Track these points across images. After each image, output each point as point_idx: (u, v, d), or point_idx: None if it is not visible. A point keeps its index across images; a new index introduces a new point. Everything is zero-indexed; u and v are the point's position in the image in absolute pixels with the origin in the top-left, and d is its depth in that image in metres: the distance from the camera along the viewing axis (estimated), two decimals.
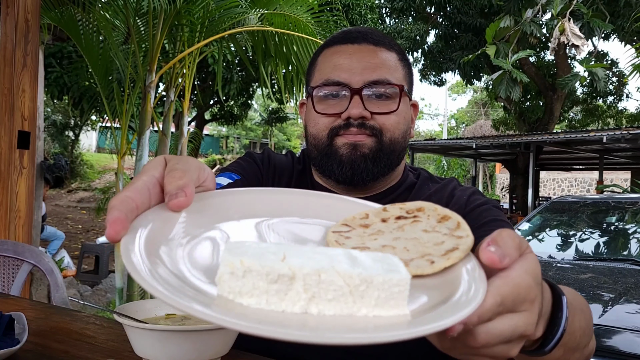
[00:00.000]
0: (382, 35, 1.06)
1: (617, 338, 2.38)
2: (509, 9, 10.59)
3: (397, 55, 1.04)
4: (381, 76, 0.99)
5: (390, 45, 1.04)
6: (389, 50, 1.03)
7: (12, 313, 0.93)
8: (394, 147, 1.01)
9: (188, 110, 5.49)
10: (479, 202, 1.01)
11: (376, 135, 0.99)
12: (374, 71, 0.99)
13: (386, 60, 1.01)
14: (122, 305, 0.84)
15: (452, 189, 1.05)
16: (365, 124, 0.99)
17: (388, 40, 1.05)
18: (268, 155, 1.14)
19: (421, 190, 1.08)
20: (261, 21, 4.79)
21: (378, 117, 0.99)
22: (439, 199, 1.04)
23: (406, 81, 1.04)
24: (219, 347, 0.78)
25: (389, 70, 1.00)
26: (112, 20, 4.76)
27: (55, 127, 18.31)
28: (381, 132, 0.99)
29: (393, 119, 1.00)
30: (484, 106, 37.45)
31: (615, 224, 4.09)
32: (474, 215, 0.99)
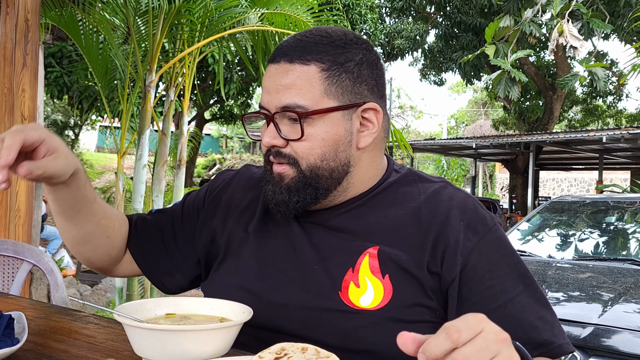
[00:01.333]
0: (315, 40, 0.94)
1: (616, 338, 2.39)
2: (509, 8, 10.59)
3: (318, 67, 0.92)
4: (289, 100, 0.91)
5: (311, 56, 0.92)
6: (306, 65, 0.92)
7: (11, 312, 0.93)
8: (317, 173, 0.94)
9: (188, 109, 5.49)
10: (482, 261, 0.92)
11: (294, 165, 0.94)
12: (284, 94, 0.92)
13: (297, 80, 0.92)
14: (122, 305, 0.84)
15: (447, 210, 0.96)
16: (281, 152, 0.94)
17: (312, 49, 0.93)
18: (236, 175, 1.14)
19: (407, 195, 1.00)
20: (261, 21, 4.79)
21: (292, 143, 0.93)
22: (430, 214, 0.96)
23: (329, 93, 0.92)
24: (219, 347, 0.78)
25: (300, 91, 0.91)
26: (112, 20, 4.76)
27: (55, 127, 18.31)
28: (296, 160, 0.94)
29: (304, 145, 0.92)
30: (484, 106, 37.46)
31: (615, 224, 4.09)
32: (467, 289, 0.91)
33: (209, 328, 0.78)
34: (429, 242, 0.93)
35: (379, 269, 0.92)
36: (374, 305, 0.91)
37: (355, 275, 0.93)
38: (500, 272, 0.93)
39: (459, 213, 0.95)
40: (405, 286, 0.92)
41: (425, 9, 15.98)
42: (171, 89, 4.94)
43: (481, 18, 14.44)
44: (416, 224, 0.95)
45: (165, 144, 4.87)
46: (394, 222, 0.96)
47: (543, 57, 17.57)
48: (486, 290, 0.91)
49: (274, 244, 1.00)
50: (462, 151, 17.93)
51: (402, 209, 0.98)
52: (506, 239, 0.98)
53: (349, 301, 0.92)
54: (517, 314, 0.90)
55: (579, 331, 2.43)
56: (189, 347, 0.76)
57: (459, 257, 0.92)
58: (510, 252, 0.96)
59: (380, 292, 0.91)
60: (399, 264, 0.92)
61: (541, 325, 0.91)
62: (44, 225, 6.93)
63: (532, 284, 0.95)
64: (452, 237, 0.93)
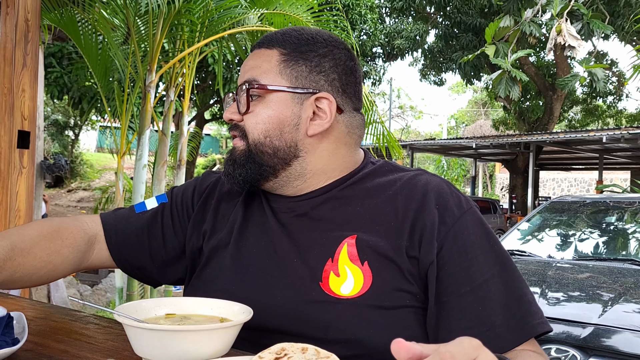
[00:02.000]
0: (282, 33, 1.03)
1: (616, 338, 2.39)
2: (509, 8, 10.60)
3: (279, 51, 1.00)
4: (247, 76, 0.99)
5: (274, 43, 1.01)
6: (269, 49, 1.01)
7: (11, 312, 0.93)
8: (261, 149, 0.99)
9: (188, 109, 5.49)
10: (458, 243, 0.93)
11: (243, 138, 1.00)
12: (246, 73, 1.00)
13: (259, 61, 1.00)
14: (122, 305, 0.84)
15: (423, 195, 0.97)
16: (237, 125, 1.01)
17: (280, 39, 1.01)
18: (218, 181, 1.15)
19: (383, 184, 1.01)
20: (261, 21, 4.79)
21: (244, 118, 1.00)
22: (406, 200, 0.97)
23: (285, 75, 0.99)
24: (219, 347, 0.79)
25: (258, 69, 0.99)
26: (112, 20, 4.76)
27: (55, 127, 18.32)
28: (245, 134, 1.00)
29: (251, 120, 0.99)
30: (484, 106, 37.47)
31: (615, 224, 4.09)
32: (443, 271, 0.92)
33: (209, 328, 0.78)
34: (407, 227, 0.94)
35: (357, 257, 0.93)
36: (355, 292, 0.91)
37: (334, 265, 0.94)
38: (476, 253, 0.92)
39: (435, 197, 0.96)
40: (385, 272, 0.92)
41: (425, 9, 15.98)
42: (171, 89, 4.94)
43: (481, 18, 14.45)
44: (393, 211, 0.96)
45: (165, 144, 4.87)
46: (371, 211, 0.98)
47: (543, 57, 17.57)
48: (461, 272, 0.91)
49: (253, 244, 1.01)
50: (462, 151, 17.94)
51: (378, 197, 0.99)
52: (482, 221, 0.98)
53: (330, 291, 0.92)
54: (491, 296, 0.90)
55: (579, 331, 2.43)
56: (189, 347, 0.76)
57: (435, 240, 0.92)
58: (486, 233, 0.96)
59: (360, 279, 0.92)
60: (377, 250, 0.93)
61: (516, 306, 0.91)
62: None
63: (508, 264, 0.94)
64: (429, 221, 0.93)
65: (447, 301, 0.91)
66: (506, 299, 0.91)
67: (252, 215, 1.06)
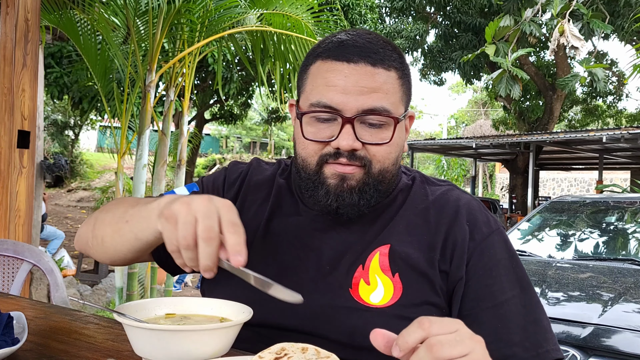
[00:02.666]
0: (381, 45, 0.95)
1: (616, 338, 2.38)
2: (509, 8, 10.60)
3: (397, 74, 0.95)
4: (377, 104, 0.91)
5: (390, 62, 0.94)
6: (388, 70, 0.93)
7: (11, 312, 0.93)
8: (383, 176, 0.96)
9: (188, 109, 5.49)
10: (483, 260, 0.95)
11: (365, 166, 0.94)
12: (369, 97, 0.91)
13: (384, 84, 0.92)
14: (122, 305, 0.84)
15: (455, 211, 0.99)
16: (356, 154, 0.93)
17: (388, 54, 0.94)
18: (249, 170, 1.12)
19: (417, 197, 1.03)
20: (260, 21, 4.79)
21: (369, 147, 0.93)
22: (438, 215, 0.99)
23: (404, 101, 0.97)
24: (219, 347, 0.78)
25: (386, 95, 0.92)
26: (112, 20, 4.76)
27: (55, 127, 18.32)
28: (371, 162, 0.94)
29: (385, 149, 0.94)
30: (484, 106, 37.46)
31: (615, 224, 4.09)
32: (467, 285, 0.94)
33: (209, 328, 0.77)
34: (439, 241, 0.96)
35: (389, 267, 0.94)
36: (384, 302, 0.92)
37: (365, 273, 0.95)
38: (500, 272, 0.95)
39: (466, 213, 0.99)
40: (415, 285, 0.94)
41: (425, 9, 15.98)
42: (171, 89, 4.94)
43: (481, 18, 14.45)
44: (425, 224, 0.98)
45: (165, 144, 4.86)
46: (404, 222, 0.99)
47: (543, 57, 17.57)
48: (484, 289, 0.93)
49: (283, 242, 1.01)
50: (462, 151, 17.94)
51: (411, 210, 1.01)
52: (508, 242, 1.01)
53: (359, 298, 0.93)
54: (510, 315, 0.92)
55: (579, 331, 2.43)
56: (189, 347, 0.76)
57: (465, 255, 0.95)
58: (511, 254, 0.98)
59: (390, 290, 0.93)
60: (409, 263, 0.94)
61: (532, 329, 0.92)
62: (44, 225, 6.93)
63: (529, 287, 0.97)
64: (460, 236, 0.96)
65: (467, 315, 0.93)
66: (524, 321, 0.92)
67: (282, 212, 1.04)
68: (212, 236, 0.73)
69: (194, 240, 0.74)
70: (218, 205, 0.76)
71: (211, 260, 0.74)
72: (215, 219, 0.74)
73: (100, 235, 0.95)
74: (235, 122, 15.96)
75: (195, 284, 7.51)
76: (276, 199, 1.05)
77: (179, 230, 0.74)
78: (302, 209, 1.03)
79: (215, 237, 0.74)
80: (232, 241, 0.74)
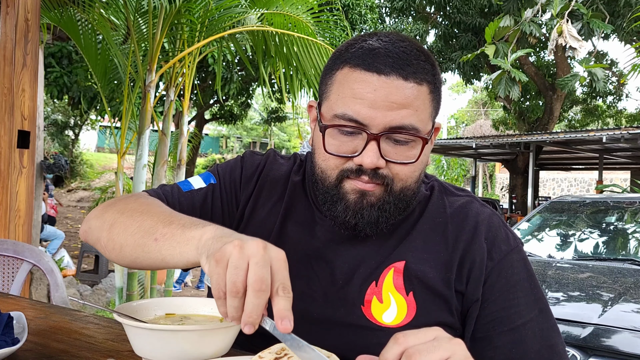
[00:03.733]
0: (415, 56, 0.88)
1: (616, 338, 2.38)
2: (509, 8, 10.59)
3: (428, 88, 0.88)
4: (405, 121, 0.85)
5: (423, 76, 0.87)
6: (420, 84, 0.87)
7: (11, 312, 0.93)
8: (404, 194, 0.91)
9: (188, 109, 5.49)
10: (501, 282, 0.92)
11: (387, 184, 0.89)
12: (399, 114, 0.85)
13: (415, 100, 0.86)
14: (122, 305, 0.84)
15: (474, 228, 0.95)
16: (378, 172, 0.88)
17: (421, 67, 0.88)
18: (265, 162, 1.07)
19: (434, 209, 0.98)
20: (261, 21, 4.79)
21: (393, 165, 0.88)
22: (457, 231, 0.95)
23: (433, 117, 0.91)
24: (219, 347, 0.78)
25: (416, 112, 0.86)
26: (112, 20, 4.76)
27: (55, 127, 18.31)
28: (393, 181, 0.89)
29: (409, 169, 0.89)
30: (484, 106, 37.45)
31: (615, 224, 4.09)
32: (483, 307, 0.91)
33: (209, 328, 0.77)
34: (456, 260, 0.92)
35: (403, 286, 0.91)
36: (397, 322, 0.90)
37: (378, 290, 0.92)
38: (517, 295, 0.92)
39: (485, 230, 0.95)
40: (430, 305, 0.91)
41: (425, 9, 15.97)
42: (171, 89, 4.94)
43: (481, 18, 14.44)
44: (443, 240, 0.94)
45: (165, 143, 4.86)
46: (420, 237, 0.95)
47: (543, 57, 17.57)
48: (501, 312, 0.91)
49: (295, 251, 0.96)
50: (462, 151, 17.92)
51: (428, 223, 0.97)
52: (527, 261, 0.97)
53: (371, 316, 0.90)
54: (527, 340, 0.90)
55: (579, 331, 2.43)
56: (189, 347, 0.76)
57: (482, 277, 0.92)
58: (529, 275, 0.95)
59: (404, 309, 0.90)
60: (425, 282, 0.91)
61: (547, 355, 0.90)
62: (44, 225, 6.93)
63: (546, 309, 0.94)
64: (478, 256, 0.92)
65: (482, 338, 0.91)
66: (539, 345, 0.90)
67: (296, 215, 1.00)
68: (263, 288, 0.66)
69: (243, 288, 0.66)
70: (272, 256, 0.68)
71: (256, 313, 0.66)
72: (268, 270, 0.67)
73: (119, 242, 0.87)
74: (235, 122, 15.95)
75: (195, 284, 7.51)
76: (290, 200, 1.01)
77: (229, 274, 0.66)
78: (318, 216, 0.99)
79: (267, 290, 0.66)
80: (282, 305, 0.67)
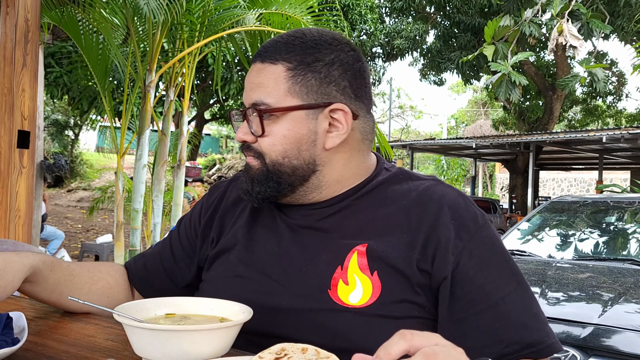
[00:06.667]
0: (285, 41, 0.97)
1: (616, 338, 2.38)
2: (509, 8, 10.60)
3: (285, 66, 0.95)
4: (256, 97, 0.96)
5: (280, 56, 0.96)
6: (274, 64, 0.96)
7: (11, 312, 0.93)
8: (279, 169, 0.97)
9: (188, 109, 5.49)
10: (474, 260, 0.92)
11: (259, 158, 0.98)
12: (254, 92, 0.96)
13: (264, 78, 0.96)
14: (122, 305, 0.84)
15: (438, 209, 0.95)
16: (250, 147, 0.99)
17: (282, 49, 0.97)
18: (228, 187, 1.16)
19: (396, 194, 1.00)
20: (259, 21, 4.79)
21: (259, 139, 0.97)
22: (420, 213, 0.95)
23: (294, 92, 0.95)
24: (219, 347, 0.78)
25: (266, 89, 0.95)
26: (112, 20, 4.76)
27: (55, 127, 18.31)
28: (261, 155, 0.98)
29: (267, 142, 0.96)
30: (484, 106, 37.47)
31: (615, 224, 4.09)
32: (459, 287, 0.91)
33: (209, 328, 0.78)
34: (420, 241, 0.93)
35: (367, 266, 0.92)
36: (363, 302, 0.91)
37: (344, 273, 0.93)
38: (492, 270, 0.93)
39: (450, 212, 0.95)
40: (394, 283, 0.91)
41: (425, 9, 15.98)
42: (171, 89, 4.94)
43: (480, 18, 14.45)
44: (406, 222, 0.95)
45: (165, 143, 4.87)
46: (383, 221, 0.96)
47: (543, 57, 17.57)
48: (478, 289, 0.91)
49: (261, 249, 1.01)
50: (462, 151, 17.94)
51: (391, 207, 0.98)
52: (497, 237, 0.98)
53: (338, 299, 0.91)
54: (509, 313, 0.90)
55: (579, 331, 2.43)
56: (189, 347, 0.76)
57: (450, 255, 0.92)
58: (501, 250, 0.96)
59: (369, 289, 0.91)
60: (387, 261, 0.92)
61: (533, 325, 0.91)
62: (44, 225, 6.93)
63: (523, 282, 0.95)
64: (444, 237, 0.93)
65: (463, 319, 0.91)
66: (524, 316, 0.91)
67: (261, 219, 1.05)
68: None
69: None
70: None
71: None
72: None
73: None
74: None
75: None
76: (255, 208, 1.07)
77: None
78: (278, 214, 1.03)
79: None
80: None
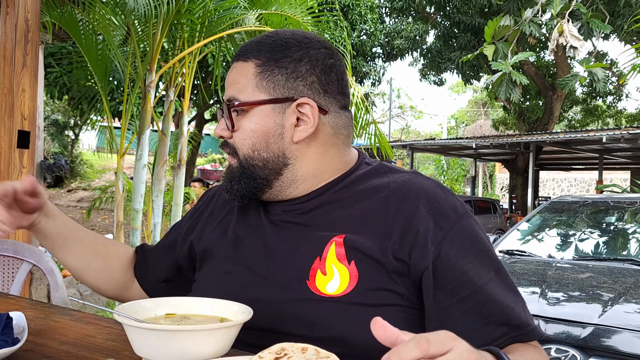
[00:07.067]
0: (257, 41, 1.03)
1: (616, 338, 2.39)
2: (509, 8, 10.60)
3: (254, 63, 1.00)
4: (229, 94, 1.01)
5: (250, 54, 1.01)
6: (245, 61, 1.01)
7: (11, 312, 0.93)
8: (251, 163, 1.01)
9: (188, 109, 5.49)
10: (454, 249, 0.93)
11: (235, 155, 1.03)
12: (228, 89, 1.02)
13: (236, 76, 1.01)
14: (122, 305, 0.84)
15: (416, 199, 0.96)
16: (227, 142, 1.03)
17: (253, 48, 1.02)
18: (215, 193, 1.20)
19: (374, 186, 1.01)
20: (259, 21, 4.79)
21: (233, 135, 1.02)
22: (398, 204, 0.96)
23: (262, 87, 0.99)
24: (219, 347, 0.79)
25: (237, 85, 1.01)
26: (112, 20, 4.76)
27: (55, 127, 18.31)
28: (235, 150, 1.02)
29: (237, 136, 1.01)
30: (484, 106, 37.46)
31: (615, 224, 4.09)
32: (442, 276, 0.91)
33: (209, 328, 0.78)
34: (396, 230, 0.94)
35: (345, 256, 0.94)
36: (340, 291, 0.92)
37: (322, 264, 0.95)
38: (472, 258, 0.93)
39: (429, 202, 0.96)
40: (370, 271, 0.93)
41: (425, 9, 15.98)
42: (171, 89, 4.94)
43: (480, 18, 14.44)
44: (384, 213, 0.96)
45: (165, 143, 4.87)
46: (361, 213, 0.98)
47: (543, 57, 17.57)
48: (461, 277, 0.92)
49: (248, 245, 1.04)
50: (462, 151, 17.94)
51: (371, 200, 0.99)
52: (477, 226, 0.98)
53: (316, 289, 0.93)
54: (493, 297, 0.91)
55: (579, 331, 2.43)
56: (189, 347, 0.76)
57: (430, 245, 0.92)
58: (481, 238, 0.97)
59: (346, 278, 0.93)
60: (363, 251, 0.93)
61: (517, 308, 0.92)
62: None
63: (502, 269, 0.96)
64: (422, 227, 0.93)
65: (449, 306, 0.91)
66: (507, 300, 0.92)
67: (247, 218, 1.08)
68: None
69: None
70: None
71: None
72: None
73: None
74: None
75: None
76: (241, 207, 1.10)
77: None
78: (262, 211, 1.06)
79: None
80: None
